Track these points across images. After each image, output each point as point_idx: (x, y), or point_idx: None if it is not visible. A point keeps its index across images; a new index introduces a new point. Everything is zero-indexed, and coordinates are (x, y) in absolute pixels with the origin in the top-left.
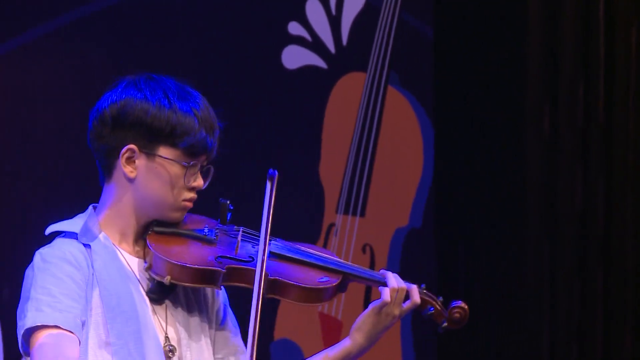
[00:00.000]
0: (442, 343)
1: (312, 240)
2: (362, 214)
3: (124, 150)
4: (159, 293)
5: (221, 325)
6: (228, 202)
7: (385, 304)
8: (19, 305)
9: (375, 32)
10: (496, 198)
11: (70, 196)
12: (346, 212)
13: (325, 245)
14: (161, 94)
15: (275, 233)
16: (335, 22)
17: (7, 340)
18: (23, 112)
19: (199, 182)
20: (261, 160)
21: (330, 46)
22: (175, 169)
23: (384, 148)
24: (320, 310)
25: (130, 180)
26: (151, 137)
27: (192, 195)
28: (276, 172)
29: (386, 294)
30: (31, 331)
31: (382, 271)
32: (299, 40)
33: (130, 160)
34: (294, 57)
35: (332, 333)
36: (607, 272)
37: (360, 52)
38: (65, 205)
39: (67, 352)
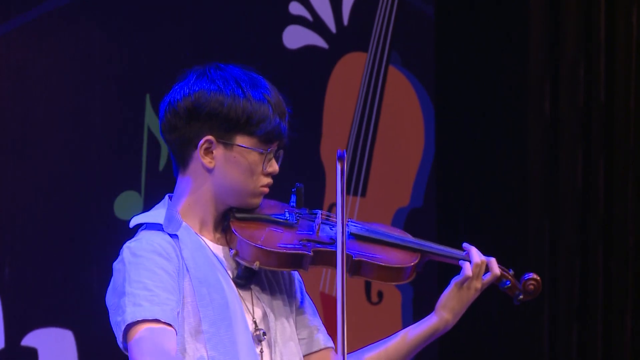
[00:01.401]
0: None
1: None
2: (363, 194)
3: (202, 141)
4: (246, 278)
5: (300, 305)
6: (303, 186)
7: (467, 278)
8: (111, 298)
9: (376, 12)
10: (497, 178)
11: (68, 179)
12: (347, 192)
13: None
14: (234, 83)
15: None
16: (336, 1)
17: (7, 319)
18: (22, 92)
19: (275, 167)
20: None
21: (331, 26)
22: (253, 157)
23: (384, 128)
24: (321, 290)
25: (209, 170)
26: (228, 127)
27: (269, 180)
28: (345, 153)
29: (467, 268)
30: (131, 326)
31: (464, 244)
32: (300, 20)
33: (208, 151)
34: (295, 37)
35: (333, 312)
36: (608, 251)
37: (361, 32)
38: (63, 188)
39: (166, 345)
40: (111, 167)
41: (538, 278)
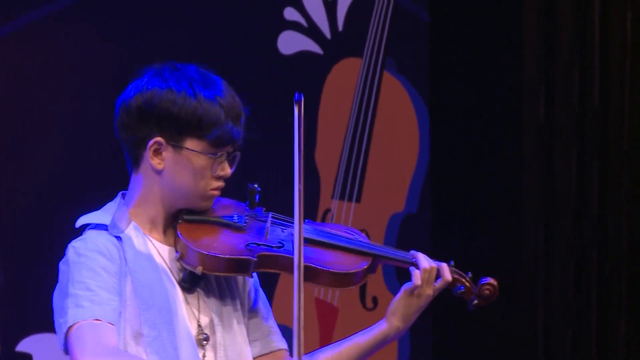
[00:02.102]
0: (437, 324)
1: None
2: (358, 200)
3: (150, 142)
4: (191, 282)
5: (252, 308)
6: (256, 185)
7: (416, 287)
8: (56, 299)
9: (371, 18)
10: (492, 183)
11: (66, 181)
12: (342, 197)
13: None
14: (186, 84)
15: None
16: (331, 7)
17: (2, 325)
18: (21, 95)
19: (226, 170)
20: (256, 147)
21: (326, 32)
22: (202, 161)
23: (379, 134)
24: (316, 296)
25: (158, 172)
26: (178, 129)
27: (220, 184)
28: (302, 96)
29: (417, 276)
30: (72, 327)
31: (412, 252)
32: (294, 26)
33: (157, 152)
34: (290, 43)
35: (328, 319)
36: (603, 254)
37: (356, 38)
38: (63, 190)
39: (107, 340)
40: (110, 170)
41: (495, 283)
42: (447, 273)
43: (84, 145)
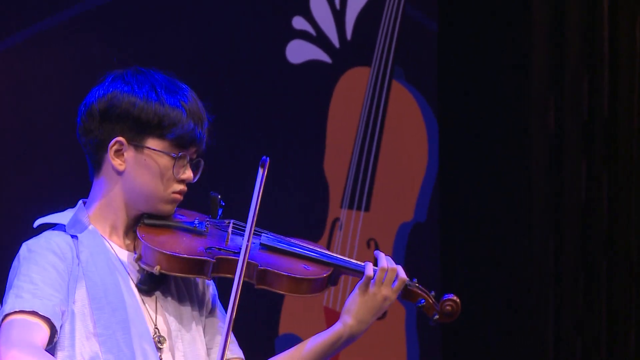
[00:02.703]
0: (446, 337)
1: (316, 235)
2: (367, 209)
3: (112, 142)
4: (149, 284)
5: (211, 314)
6: (219, 196)
7: (368, 279)
8: (4, 296)
9: (380, 27)
10: (501, 193)
11: (65, 191)
12: (351, 206)
13: (330, 240)
14: (148, 86)
15: (278, 228)
16: (339, 16)
17: None
18: (23, 108)
19: (189, 174)
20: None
21: (335, 41)
22: (164, 161)
23: (388, 143)
24: (325, 304)
25: (120, 173)
26: (139, 129)
27: (182, 187)
28: (268, 159)
29: (369, 268)
30: (7, 316)
31: (375, 252)
32: (303, 35)
33: (118, 152)
34: (299, 52)
35: None
36: (612, 266)
37: (364, 47)
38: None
39: (33, 336)
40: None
41: (457, 300)
42: (402, 273)
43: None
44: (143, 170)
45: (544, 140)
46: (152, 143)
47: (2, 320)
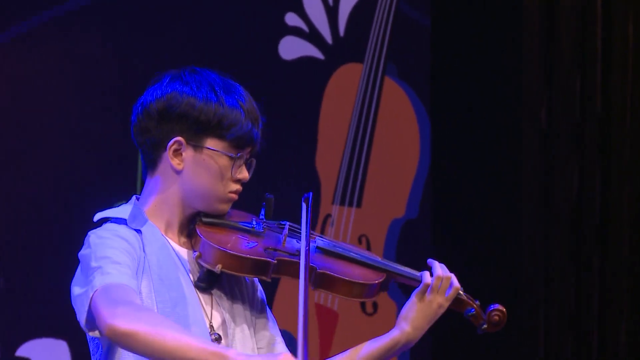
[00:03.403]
0: (436, 334)
1: None
2: (359, 205)
3: (171, 142)
4: (207, 282)
5: (260, 315)
6: (273, 197)
7: (426, 287)
8: (77, 282)
9: (373, 23)
10: (492, 189)
11: (64, 188)
12: (342, 203)
13: None
14: (207, 86)
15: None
16: (332, 13)
17: (2, 330)
18: (18, 103)
19: (245, 174)
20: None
21: (327, 37)
22: (223, 161)
23: (380, 139)
24: (317, 301)
25: (178, 172)
26: (198, 129)
27: (238, 187)
28: (311, 194)
29: (427, 277)
30: (98, 289)
31: (429, 260)
32: (296, 31)
33: (177, 152)
34: (291, 48)
35: (328, 324)
36: (603, 264)
37: (357, 43)
38: (58, 198)
39: (132, 297)
40: (107, 177)
41: (504, 310)
42: (455, 281)
43: (79, 156)
44: (201, 170)
45: (536, 138)
46: (211, 143)
47: (94, 292)
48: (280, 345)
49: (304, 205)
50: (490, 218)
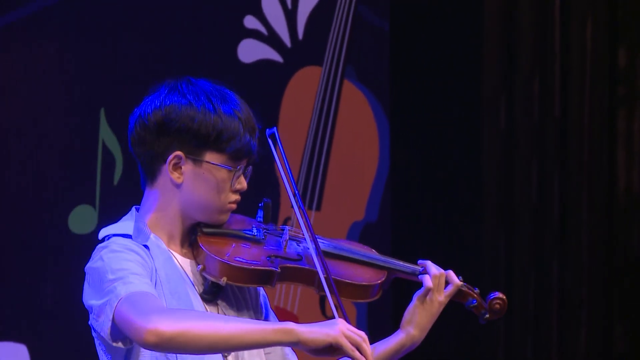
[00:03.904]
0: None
1: None
2: (318, 208)
3: (170, 157)
4: (213, 294)
5: (265, 320)
6: (270, 201)
7: (429, 290)
8: (92, 295)
9: (331, 26)
10: (452, 192)
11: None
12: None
13: None
14: (205, 98)
15: None
16: (291, 15)
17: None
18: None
19: (243, 184)
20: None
21: (286, 40)
22: (222, 174)
23: (339, 142)
24: (276, 304)
25: (177, 186)
26: (198, 143)
27: (237, 197)
28: (275, 129)
29: (427, 280)
30: (122, 298)
31: (420, 261)
32: (254, 34)
33: (177, 166)
34: (250, 51)
35: None
36: (562, 266)
37: (316, 46)
38: (18, 202)
39: (159, 303)
40: (66, 181)
41: (504, 297)
42: (455, 278)
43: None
44: (201, 183)
45: (495, 140)
46: (211, 157)
47: (118, 302)
48: (288, 350)
49: (271, 143)
50: (449, 221)
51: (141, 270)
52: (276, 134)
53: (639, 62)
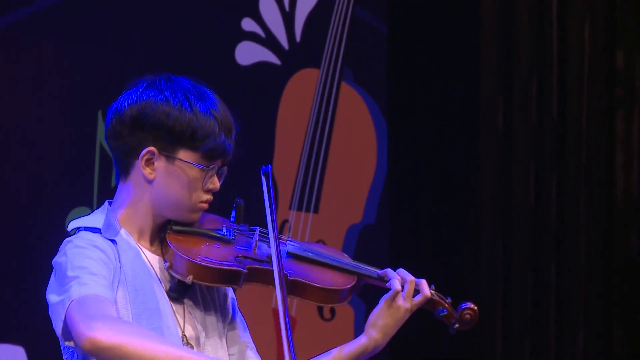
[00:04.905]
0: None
1: None
2: (316, 210)
3: (143, 152)
4: (179, 292)
5: (232, 321)
6: (243, 202)
7: (396, 293)
8: (52, 289)
9: (329, 28)
10: (450, 194)
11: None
12: (299, 208)
13: None
14: (182, 95)
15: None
16: (288, 18)
17: None
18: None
19: (216, 184)
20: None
21: (284, 42)
22: (194, 172)
23: (337, 144)
24: (274, 307)
25: (149, 182)
26: (171, 140)
27: (209, 197)
28: (270, 167)
29: (396, 283)
30: (75, 301)
31: (388, 269)
32: (252, 37)
33: (149, 162)
34: (248, 54)
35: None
36: (560, 267)
37: (313, 49)
38: (15, 203)
39: (109, 310)
40: (63, 183)
41: (475, 308)
42: (425, 288)
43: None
44: (173, 180)
45: (493, 142)
46: (184, 155)
47: (70, 303)
48: (252, 352)
49: (263, 180)
50: (447, 222)
51: (101, 269)
52: (270, 172)
53: (637, 64)
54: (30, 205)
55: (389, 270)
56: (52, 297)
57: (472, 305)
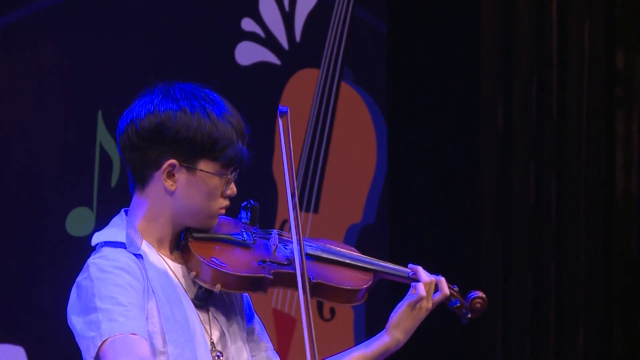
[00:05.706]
0: None
1: None
2: (316, 210)
3: (165, 165)
4: (204, 299)
5: (249, 324)
6: (258, 204)
7: (421, 299)
8: (79, 315)
9: (329, 28)
10: (450, 194)
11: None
12: (299, 208)
13: None
14: (198, 104)
15: None
16: (288, 18)
17: None
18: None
19: (234, 190)
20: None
21: (284, 42)
22: (215, 182)
23: (337, 144)
24: (274, 306)
25: (170, 193)
26: (193, 152)
27: (227, 203)
28: (287, 109)
29: (421, 288)
30: (107, 340)
31: (410, 265)
32: (252, 37)
33: (170, 174)
34: (247, 54)
35: (285, 329)
36: (560, 268)
37: (313, 49)
38: (15, 204)
39: (143, 353)
40: (63, 184)
41: (484, 296)
42: (445, 287)
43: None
44: (194, 190)
45: (493, 142)
46: (204, 165)
47: (102, 343)
48: (271, 353)
49: (280, 123)
50: (447, 222)
51: (130, 296)
52: (287, 114)
53: (637, 64)
54: (30, 205)
55: (420, 272)
56: (77, 323)
57: (481, 294)
